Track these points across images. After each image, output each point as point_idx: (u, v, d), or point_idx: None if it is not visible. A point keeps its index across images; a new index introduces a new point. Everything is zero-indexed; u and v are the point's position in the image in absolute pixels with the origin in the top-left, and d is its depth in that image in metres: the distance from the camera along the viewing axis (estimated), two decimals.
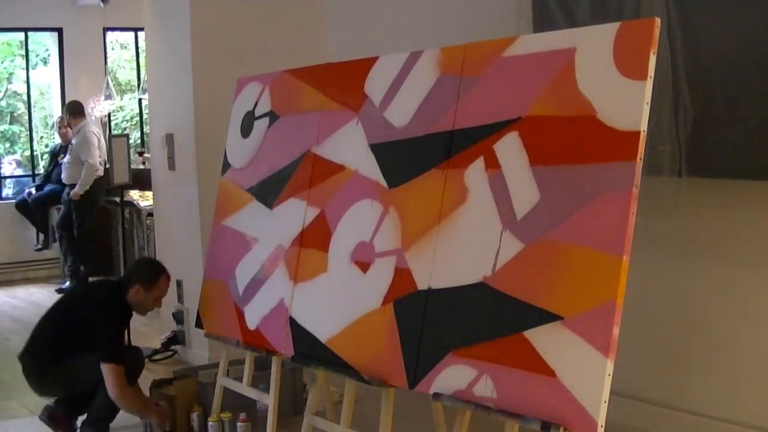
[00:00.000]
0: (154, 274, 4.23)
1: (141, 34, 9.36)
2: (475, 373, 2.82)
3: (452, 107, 3.13)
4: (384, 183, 3.36)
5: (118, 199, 7.20)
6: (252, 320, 3.89)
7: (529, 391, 2.65)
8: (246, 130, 4.22)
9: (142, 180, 7.27)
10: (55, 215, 8.70)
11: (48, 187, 8.87)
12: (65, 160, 8.32)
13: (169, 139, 5.58)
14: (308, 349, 3.53)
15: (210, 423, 4.11)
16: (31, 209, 8.87)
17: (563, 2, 4.06)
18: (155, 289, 4.20)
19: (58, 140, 9.03)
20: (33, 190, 8.95)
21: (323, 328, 3.48)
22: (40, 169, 9.79)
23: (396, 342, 3.13)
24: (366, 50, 3.94)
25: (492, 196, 2.90)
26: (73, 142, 8.23)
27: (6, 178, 10.28)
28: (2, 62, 11.17)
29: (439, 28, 4.88)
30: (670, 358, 3.97)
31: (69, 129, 8.50)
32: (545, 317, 2.65)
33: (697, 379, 3.88)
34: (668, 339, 3.97)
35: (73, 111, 8.23)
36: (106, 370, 3.94)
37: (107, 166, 7.73)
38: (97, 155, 8.07)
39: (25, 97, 10.20)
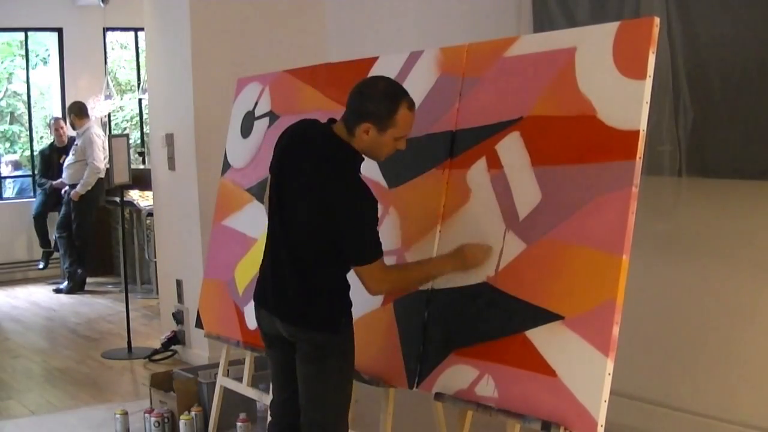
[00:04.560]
0: (390, 101, 2.72)
1: (141, 34, 9.36)
2: (477, 372, 2.82)
3: (454, 107, 3.13)
4: (384, 183, 3.35)
5: (118, 199, 7.20)
6: (252, 320, 3.88)
7: (530, 391, 2.65)
8: (246, 130, 4.21)
9: (142, 180, 7.27)
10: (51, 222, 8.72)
11: (39, 197, 8.86)
12: (68, 160, 8.33)
13: (169, 139, 5.58)
14: None
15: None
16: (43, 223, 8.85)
17: (563, 2, 4.06)
18: (393, 126, 2.73)
19: (47, 141, 9.03)
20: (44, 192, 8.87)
21: None
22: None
23: (396, 342, 3.12)
24: (366, 50, 3.94)
25: (494, 197, 2.90)
26: (78, 143, 8.25)
27: (6, 178, 10.27)
28: (2, 62, 11.18)
29: (439, 28, 4.88)
30: (670, 358, 3.97)
31: (64, 130, 8.53)
32: (546, 317, 2.65)
33: (697, 379, 3.88)
34: (668, 339, 3.97)
35: (78, 112, 8.24)
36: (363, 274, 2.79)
37: (108, 166, 7.77)
38: (101, 157, 8.06)
39: (25, 97, 10.20)
